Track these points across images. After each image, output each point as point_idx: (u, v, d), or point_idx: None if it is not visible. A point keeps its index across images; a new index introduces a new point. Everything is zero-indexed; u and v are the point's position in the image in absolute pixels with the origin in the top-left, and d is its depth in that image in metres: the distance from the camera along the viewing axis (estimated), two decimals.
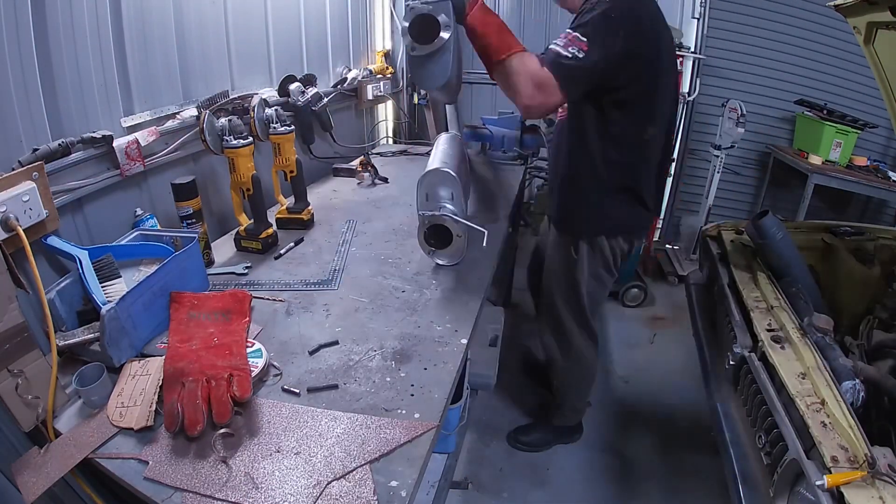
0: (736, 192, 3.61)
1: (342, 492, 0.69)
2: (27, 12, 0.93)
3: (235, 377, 0.83)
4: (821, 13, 2.97)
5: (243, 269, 1.28)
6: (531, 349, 2.34)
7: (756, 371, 1.17)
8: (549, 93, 1.13)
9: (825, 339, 1.17)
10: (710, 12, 3.07)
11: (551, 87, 1.13)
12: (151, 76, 1.26)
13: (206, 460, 0.73)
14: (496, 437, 1.93)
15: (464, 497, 1.69)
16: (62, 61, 1.02)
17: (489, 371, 1.52)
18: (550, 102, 1.16)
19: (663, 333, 2.61)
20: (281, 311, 1.12)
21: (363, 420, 0.81)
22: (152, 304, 0.98)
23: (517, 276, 2.85)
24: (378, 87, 2.50)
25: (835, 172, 2.91)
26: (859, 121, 2.99)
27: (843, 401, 0.97)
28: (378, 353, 0.99)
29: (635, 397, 2.17)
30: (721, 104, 2.83)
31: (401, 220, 1.62)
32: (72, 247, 1.02)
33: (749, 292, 1.40)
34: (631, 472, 1.82)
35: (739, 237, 1.72)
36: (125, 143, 1.16)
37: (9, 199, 0.86)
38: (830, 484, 0.81)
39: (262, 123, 1.42)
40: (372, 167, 2.01)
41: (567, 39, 1.13)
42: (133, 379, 0.86)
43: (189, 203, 1.24)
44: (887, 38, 1.37)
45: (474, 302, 1.17)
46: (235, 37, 1.55)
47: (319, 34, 2.09)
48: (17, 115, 0.93)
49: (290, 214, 1.54)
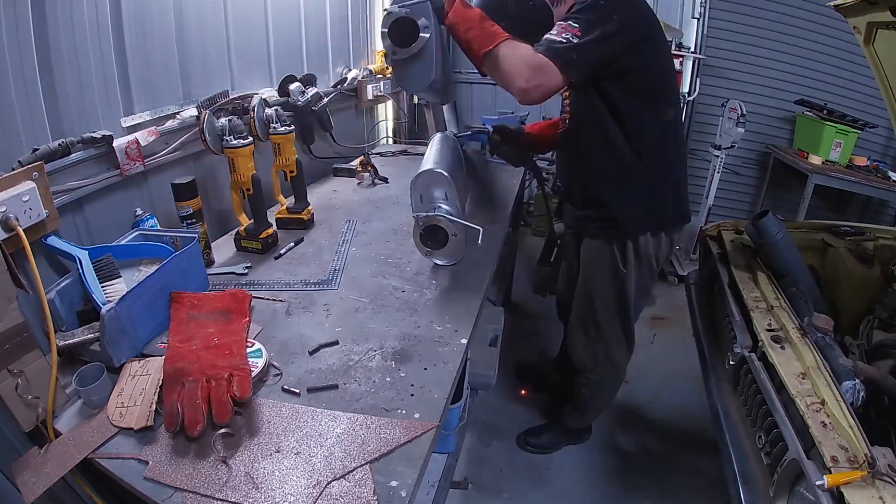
0: (736, 192, 3.61)
1: (342, 492, 0.69)
2: (27, 12, 0.92)
3: (235, 377, 0.83)
4: (821, 13, 2.97)
5: (243, 269, 1.28)
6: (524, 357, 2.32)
7: (756, 371, 1.17)
8: (548, 75, 1.11)
9: (825, 339, 1.16)
10: (710, 12, 3.08)
11: (550, 70, 1.10)
12: (151, 76, 1.26)
13: (206, 460, 0.73)
14: (496, 437, 1.93)
15: (464, 497, 1.69)
16: (62, 61, 1.02)
17: (489, 371, 1.52)
18: (549, 84, 1.12)
19: (663, 333, 2.61)
20: (281, 311, 1.12)
21: (363, 420, 0.81)
22: (152, 304, 0.98)
23: (517, 276, 2.86)
24: (378, 87, 2.50)
25: (835, 172, 2.91)
26: (859, 121, 2.99)
27: (843, 401, 0.97)
28: (378, 353, 0.99)
29: (635, 397, 2.17)
30: (721, 104, 2.83)
31: (401, 220, 1.62)
32: (72, 247, 1.02)
33: (749, 292, 1.40)
34: (631, 471, 1.81)
35: (739, 237, 1.71)
36: (125, 143, 1.16)
37: (9, 199, 0.86)
38: (830, 484, 0.81)
39: (262, 123, 1.42)
40: (372, 167, 2.01)
41: (560, 28, 1.13)
42: (133, 379, 0.86)
43: (189, 203, 1.24)
44: (887, 38, 1.37)
45: (474, 302, 1.17)
46: (235, 37, 1.55)
47: (319, 34, 2.09)
48: (18, 115, 0.93)
49: (290, 214, 1.54)
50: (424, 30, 1.13)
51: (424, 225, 1.25)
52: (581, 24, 1.11)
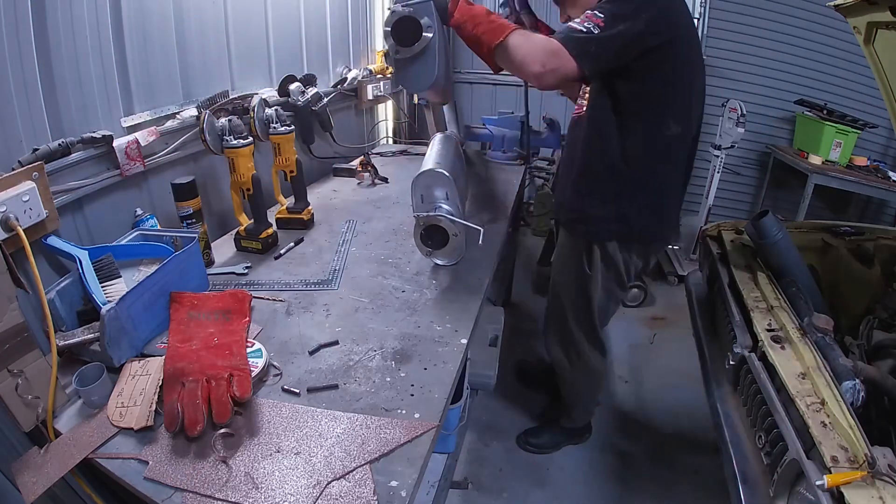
0: (736, 192, 3.61)
1: (342, 492, 0.69)
2: (27, 12, 0.93)
3: (235, 377, 0.83)
4: (821, 13, 2.97)
5: (243, 269, 1.28)
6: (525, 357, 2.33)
7: (756, 371, 1.17)
8: (563, 60, 1.08)
9: (825, 339, 1.16)
10: (710, 12, 3.08)
11: (564, 55, 1.08)
12: (151, 76, 1.26)
13: (206, 460, 0.73)
14: (496, 437, 1.93)
15: (464, 497, 1.69)
16: (62, 61, 1.02)
17: (489, 371, 1.52)
18: (565, 69, 1.10)
19: (663, 333, 2.61)
20: (281, 311, 1.12)
21: (363, 420, 0.81)
22: (152, 304, 0.98)
23: (517, 276, 2.86)
24: (378, 87, 2.50)
25: (835, 172, 2.91)
26: (859, 121, 2.99)
27: (843, 401, 0.97)
28: (378, 353, 0.99)
29: (635, 397, 2.17)
30: (721, 104, 2.83)
31: (401, 220, 1.62)
32: (72, 247, 1.02)
33: (749, 292, 1.40)
34: (631, 471, 1.81)
35: (739, 237, 1.71)
36: (125, 143, 1.16)
37: (9, 199, 0.86)
38: (830, 484, 0.81)
39: (262, 123, 1.42)
40: (372, 167, 2.01)
41: (584, 17, 1.11)
42: (133, 379, 0.86)
43: (189, 203, 1.24)
44: (887, 38, 1.37)
45: (474, 302, 1.17)
46: (235, 37, 1.55)
47: (319, 34, 2.09)
48: (18, 115, 0.93)
49: (290, 214, 1.54)
50: (427, 29, 1.13)
51: (425, 225, 1.25)
52: (606, 16, 1.09)
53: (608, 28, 1.08)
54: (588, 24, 1.10)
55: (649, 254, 1.46)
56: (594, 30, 1.09)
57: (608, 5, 1.11)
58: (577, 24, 1.11)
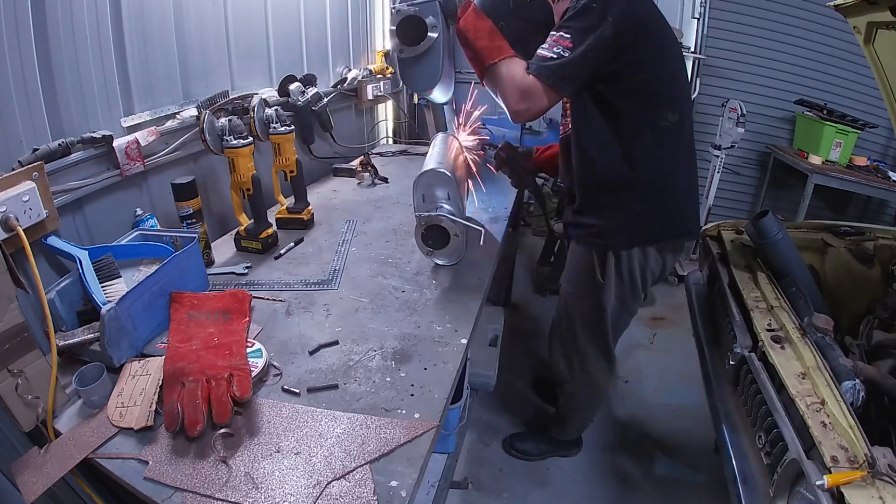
0: (736, 192, 3.61)
1: (342, 492, 0.69)
2: (27, 12, 0.92)
3: (235, 377, 0.83)
4: (821, 13, 2.97)
5: (243, 269, 1.28)
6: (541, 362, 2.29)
7: (756, 371, 1.17)
8: (535, 98, 1.10)
9: (825, 339, 1.16)
10: (710, 12, 3.07)
11: (537, 93, 1.09)
12: (151, 76, 1.26)
13: (206, 460, 0.73)
14: (496, 437, 1.93)
15: (464, 497, 1.69)
16: (62, 61, 1.02)
17: (489, 371, 1.52)
18: (537, 107, 1.12)
19: (663, 333, 2.61)
20: (281, 311, 1.12)
21: (363, 420, 0.81)
22: (152, 304, 0.98)
23: (517, 276, 2.86)
24: (378, 87, 2.50)
25: (835, 172, 2.91)
26: (859, 121, 2.99)
27: (843, 401, 0.97)
28: (378, 353, 0.99)
29: (635, 397, 2.17)
30: (721, 104, 2.83)
31: (401, 220, 1.62)
32: (72, 247, 1.02)
33: (749, 292, 1.40)
34: (631, 472, 1.81)
35: (739, 237, 1.71)
36: (125, 143, 1.16)
37: (9, 199, 0.86)
38: (830, 484, 0.80)
39: (262, 123, 1.42)
40: (372, 167, 2.01)
41: (552, 41, 1.09)
42: (133, 379, 0.86)
43: (189, 203, 1.24)
44: (887, 38, 1.37)
45: (474, 302, 1.17)
46: (235, 37, 1.55)
47: (319, 34, 2.09)
48: (17, 115, 0.93)
49: (290, 214, 1.54)
50: (433, 29, 1.13)
51: (426, 224, 1.25)
52: (573, 35, 1.07)
53: (578, 45, 1.07)
54: (557, 48, 1.08)
55: (667, 253, 1.39)
56: (564, 53, 1.07)
57: (571, 22, 1.09)
58: (546, 52, 1.09)
